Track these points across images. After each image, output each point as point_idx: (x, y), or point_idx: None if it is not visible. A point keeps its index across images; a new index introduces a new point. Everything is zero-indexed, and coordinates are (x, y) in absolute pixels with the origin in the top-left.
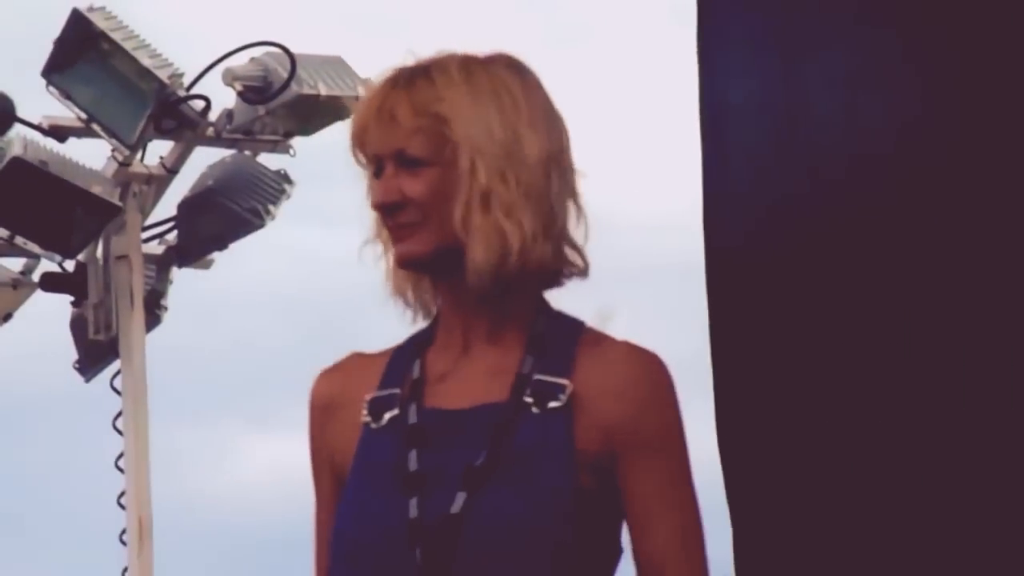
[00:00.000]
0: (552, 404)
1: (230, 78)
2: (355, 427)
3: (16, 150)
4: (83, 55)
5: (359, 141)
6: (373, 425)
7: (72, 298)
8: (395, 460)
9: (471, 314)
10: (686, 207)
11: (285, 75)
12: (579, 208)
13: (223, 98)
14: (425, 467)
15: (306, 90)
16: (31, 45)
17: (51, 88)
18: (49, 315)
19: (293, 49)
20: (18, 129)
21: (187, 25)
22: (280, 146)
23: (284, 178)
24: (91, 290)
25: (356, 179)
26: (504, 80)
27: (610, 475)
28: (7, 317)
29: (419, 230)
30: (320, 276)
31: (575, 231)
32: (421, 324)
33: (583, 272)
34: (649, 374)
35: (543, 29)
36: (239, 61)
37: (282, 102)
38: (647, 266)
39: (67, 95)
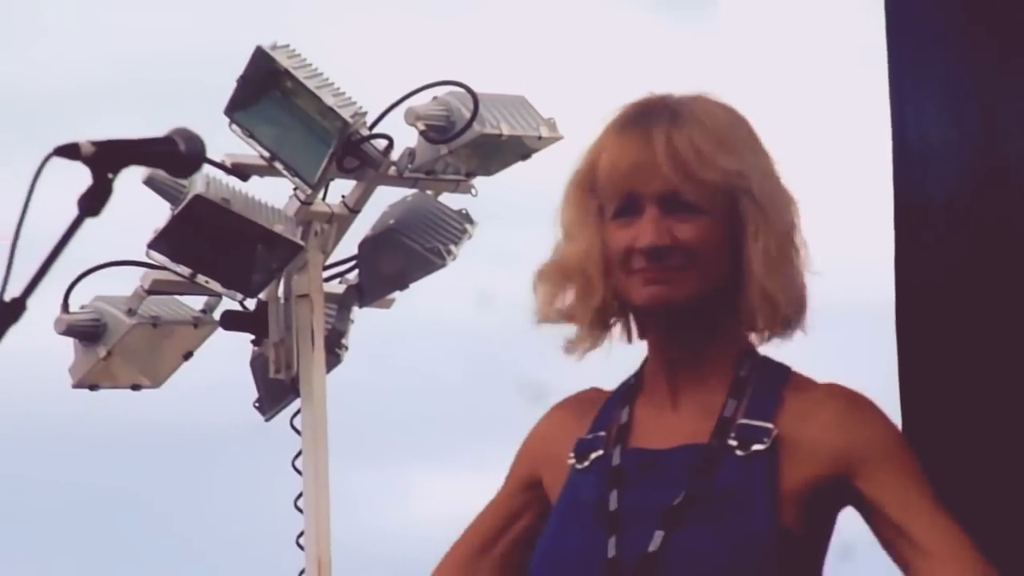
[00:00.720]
0: (756, 447)
1: (413, 117)
2: (564, 467)
3: (198, 188)
4: (266, 93)
5: (619, 176)
6: (578, 466)
7: (252, 336)
8: (596, 499)
9: (677, 361)
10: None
11: (468, 115)
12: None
13: (405, 137)
14: (625, 507)
15: (488, 130)
16: (214, 83)
17: (234, 126)
18: (230, 353)
19: (476, 88)
20: (209, 169)
21: (369, 64)
22: (462, 186)
23: (466, 218)
24: (272, 329)
25: (537, 219)
26: (763, 144)
27: (819, 514)
28: (188, 355)
29: (685, 275)
30: (500, 316)
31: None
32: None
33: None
34: (856, 404)
35: (727, 73)
36: (422, 100)
37: (464, 142)
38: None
39: (250, 133)
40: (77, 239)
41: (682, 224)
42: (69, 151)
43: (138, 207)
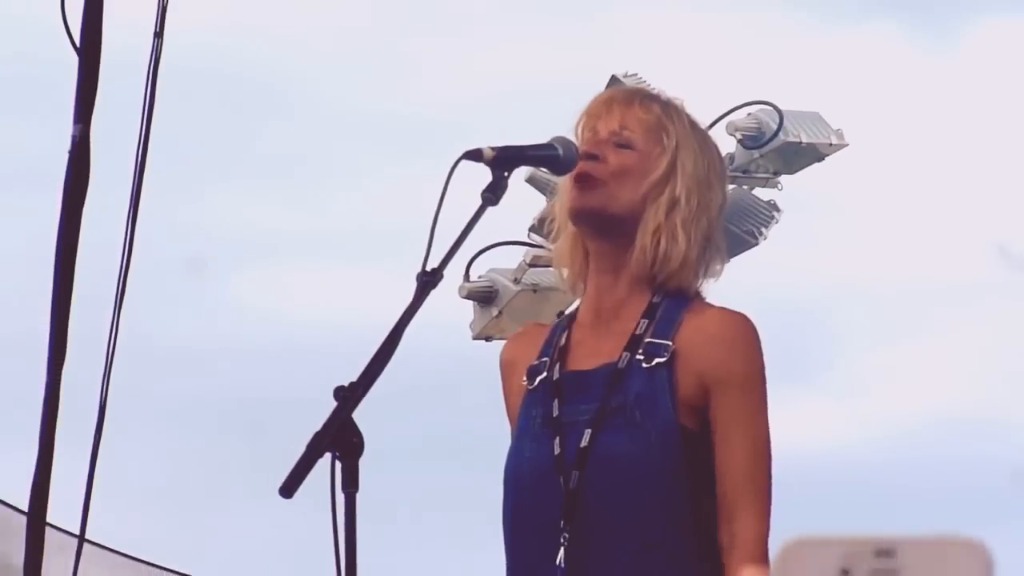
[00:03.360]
0: (658, 360)
1: (732, 129)
2: (521, 388)
3: None
4: None
5: (588, 120)
6: (529, 387)
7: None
8: (544, 411)
9: (605, 289)
10: None
11: (775, 127)
12: (719, 250)
13: (726, 145)
14: (564, 415)
15: (791, 138)
16: (569, 104)
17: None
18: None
19: (781, 106)
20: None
21: (695, 86)
22: (770, 182)
23: (773, 207)
24: None
25: (830, 210)
26: (711, 140)
27: (705, 414)
28: (560, 314)
29: (603, 190)
30: (799, 288)
31: (712, 264)
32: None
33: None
34: (736, 328)
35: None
36: (739, 116)
37: (772, 148)
38: None
39: None
40: (479, 224)
41: (617, 150)
42: (474, 155)
43: (522, 199)
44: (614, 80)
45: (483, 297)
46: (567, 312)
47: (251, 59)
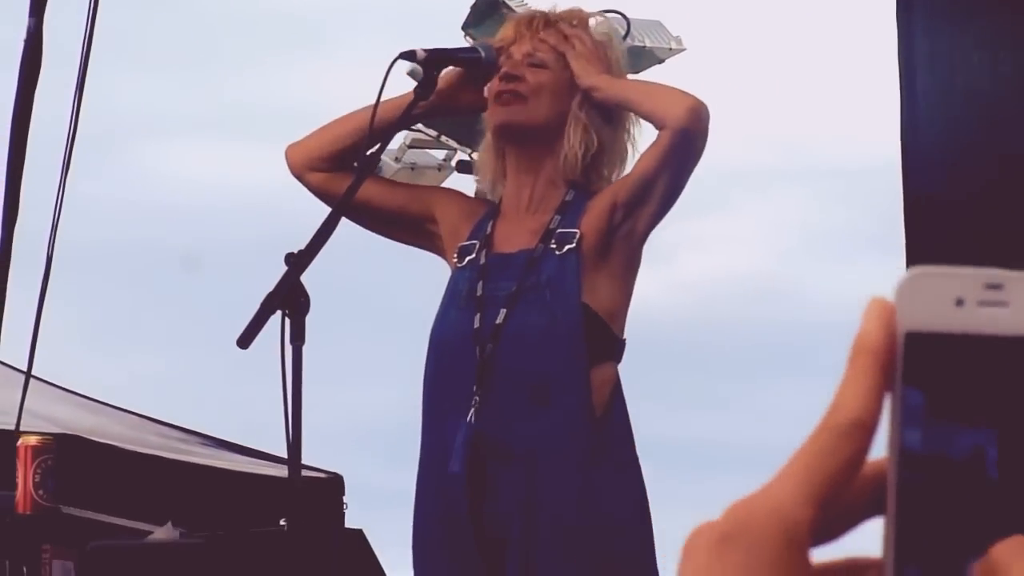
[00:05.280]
0: (568, 247)
1: None
2: (452, 209)
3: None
4: (491, 16)
5: (504, 44)
6: (459, 265)
7: (476, 177)
8: (468, 289)
9: (524, 185)
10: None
11: (623, 32)
12: (626, 152)
13: None
14: (486, 294)
15: (636, 43)
16: (457, 10)
17: (467, 38)
18: (463, 189)
19: (627, 14)
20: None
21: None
22: None
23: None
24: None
25: None
26: (611, 44)
27: (617, 231)
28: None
29: (524, 104)
30: None
31: (623, 164)
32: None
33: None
34: (613, 184)
35: None
36: (593, 22)
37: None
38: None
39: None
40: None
41: (534, 70)
42: (409, 55)
43: (403, 89)
44: None
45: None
46: (494, 203)
47: None
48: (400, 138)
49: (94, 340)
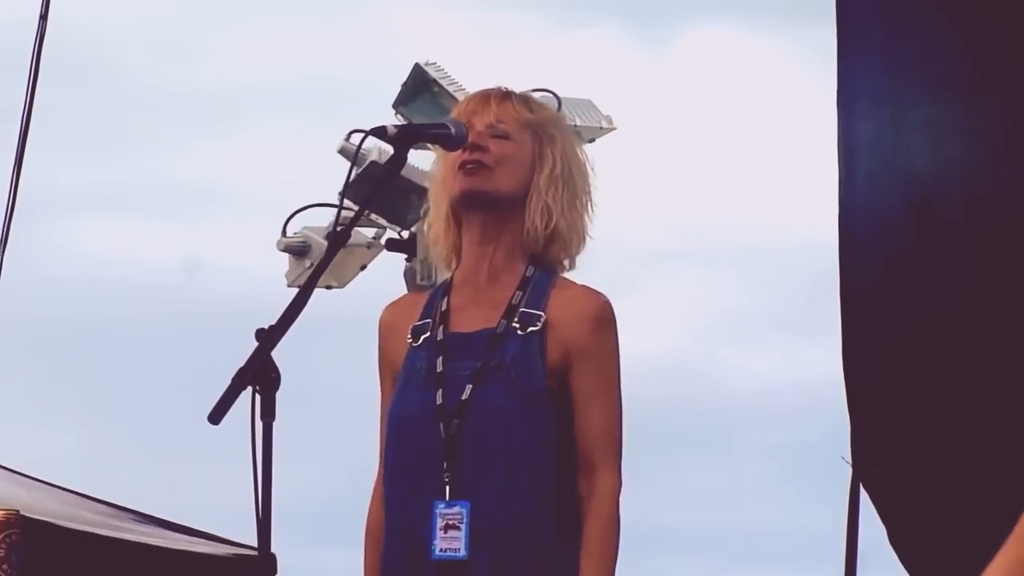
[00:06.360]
0: (531, 328)
1: None
2: (404, 345)
3: (374, 157)
4: (420, 95)
5: (465, 116)
6: (414, 345)
7: (406, 256)
8: (428, 366)
9: (482, 259)
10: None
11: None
12: (585, 232)
13: None
14: (447, 372)
15: (567, 122)
16: (387, 87)
17: (398, 115)
18: (391, 267)
19: (560, 93)
20: (379, 143)
21: (491, 76)
22: None
23: None
24: (419, 250)
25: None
26: (565, 125)
27: (566, 378)
28: (363, 267)
29: (490, 173)
30: None
31: (581, 243)
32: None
33: (571, 264)
34: (599, 308)
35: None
36: None
37: None
38: None
39: (408, 120)
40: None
41: (497, 141)
42: (379, 132)
43: (333, 168)
44: (417, 67)
45: (298, 250)
46: (442, 281)
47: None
48: (330, 215)
49: (10, 415)
